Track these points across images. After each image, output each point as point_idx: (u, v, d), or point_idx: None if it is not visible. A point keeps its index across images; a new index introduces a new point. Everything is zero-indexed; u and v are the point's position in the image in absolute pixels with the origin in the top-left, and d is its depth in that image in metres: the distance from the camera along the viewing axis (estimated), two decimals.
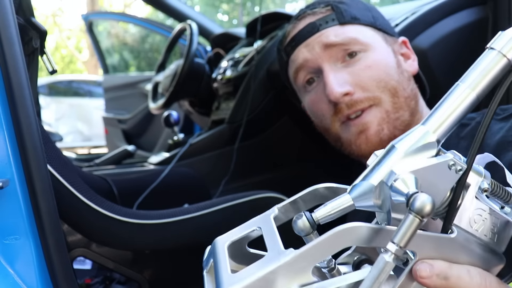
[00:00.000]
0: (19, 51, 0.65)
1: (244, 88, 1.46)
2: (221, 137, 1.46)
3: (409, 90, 0.72)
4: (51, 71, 1.31)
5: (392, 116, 0.70)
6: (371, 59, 0.70)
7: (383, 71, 0.70)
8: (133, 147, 1.79)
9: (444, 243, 0.31)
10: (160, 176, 1.25)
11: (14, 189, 0.64)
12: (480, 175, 0.32)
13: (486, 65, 0.29)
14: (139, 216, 0.88)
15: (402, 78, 0.72)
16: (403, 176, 0.28)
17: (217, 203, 0.94)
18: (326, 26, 0.72)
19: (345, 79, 0.70)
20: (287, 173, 1.51)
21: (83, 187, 0.85)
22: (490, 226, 0.33)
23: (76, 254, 1.05)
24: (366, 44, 0.71)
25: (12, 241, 0.65)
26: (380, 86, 0.69)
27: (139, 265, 1.12)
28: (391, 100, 0.70)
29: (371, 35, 0.73)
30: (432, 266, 0.31)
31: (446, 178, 0.30)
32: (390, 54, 0.73)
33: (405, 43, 0.78)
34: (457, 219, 0.31)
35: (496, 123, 0.62)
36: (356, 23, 0.72)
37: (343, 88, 0.69)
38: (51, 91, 7.53)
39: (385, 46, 0.73)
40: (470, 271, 0.32)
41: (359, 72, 0.70)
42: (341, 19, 0.72)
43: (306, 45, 0.74)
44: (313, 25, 0.73)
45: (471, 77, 0.29)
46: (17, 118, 0.64)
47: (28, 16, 1.26)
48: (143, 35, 4.68)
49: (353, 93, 0.69)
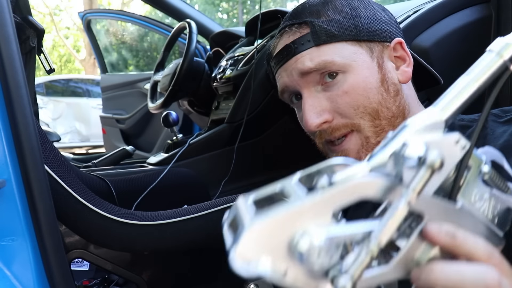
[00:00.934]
0: (16, 50, 0.64)
1: (244, 88, 1.45)
2: (221, 137, 1.46)
3: (394, 108, 0.69)
4: (49, 70, 1.31)
5: (372, 141, 0.68)
6: (348, 84, 0.67)
7: (362, 95, 0.67)
8: (131, 148, 1.78)
9: (450, 211, 0.34)
10: (159, 177, 1.24)
11: (11, 190, 0.64)
12: (481, 160, 0.36)
13: (486, 63, 0.34)
14: (138, 217, 0.87)
15: (386, 96, 0.68)
16: (416, 144, 0.32)
17: (217, 204, 0.94)
18: (302, 49, 0.69)
19: (323, 106, 0.68)
20: (287, 173, 1.49)
21: (81, 188, 0.84)
22: (491, 208, 0.36)
23: (74, 255, 1.05)
24: (344, 65, 0.67)
25: (9, 243, 0.65)
26: (359, 112, 0.67)
27: (137, 267, 1.11)
28: (372, 124, 0.68)
29: (351, 52, 0.68)
30: (441, 224, 0.33)
31: (452, 153, 0.34)
32: (373, 71, 0.68)
33: (401, 43, 0.72)
34: (461, 195, 0.35)
35: (498, 126, 0.61)
36: (333, 41, 0.68)
37: (320, 118, 0.68)
38: (49, 91, 7.52)
39: (367, 62, 0.68)
40: (475, 236, 0.34)
41: (337, 98, 0.68)
42: (316, 41, 0.68)
43: (285, 70, 0.72)
44: (289, 47, 0.70)
45: (473, 72, 0.34)
46: (14, 117, 0.64)
47: (25, 14, 1.25)
48: (141, 34, 4.67)
49: (331, 120, 0.68)
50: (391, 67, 0.71)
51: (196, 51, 2.26)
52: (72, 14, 14.97)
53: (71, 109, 7.40)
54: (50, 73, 1.30)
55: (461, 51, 1.03)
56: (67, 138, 7.09)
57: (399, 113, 0.69)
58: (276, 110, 1.47)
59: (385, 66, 0.70)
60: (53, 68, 1.30)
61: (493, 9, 1.04)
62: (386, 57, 0.71)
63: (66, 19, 16.37)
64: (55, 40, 15.99)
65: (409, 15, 1.06)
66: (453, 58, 1.03)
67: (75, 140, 7.25)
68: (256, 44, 1.54)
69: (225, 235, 0.33)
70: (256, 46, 1.52)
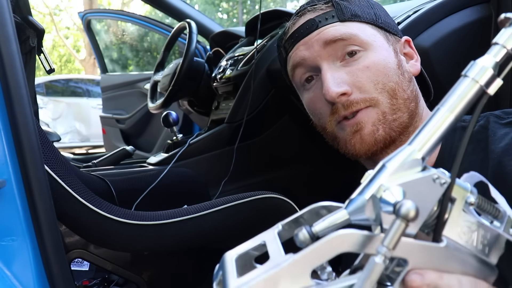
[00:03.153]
0: (16, 50, 0.64)
1: (244, 88, 1.45)
2: (221, 137, 1.46)
3: (409, 91, 0.70)
4: (49, 70, 1.31)
5: (389, 118, 0.68)
6: (370, 59, 0.69)
7: (382, 72, 0.69)
8: (131, 148, 1.78)
9: (434, 252, 0.33)
10: (159, 177, 1.24)
11: (11, 190, 0.64)
12: (466, 190, 0.35)
13: (462, 91, 0.33)
14: (138, 217, 0.87)
15: (402, 79, 0.70)
16: (392, 189, 0.32)
17: (217, 204, 0.94)
18: (326, 23, 0.71)
19: (343, 79, 0.69)
20: (287, 173, 1.50)
21: (81, 188, 0.84)
22: (480, 238, 0.35)
23: (74, 255, 1.04)
24: (366, 42, 0.70)
25: (9, 242, 0.64)
26: (378, 88, 0.68)
27: (137, 267, 1.11)
28: (389, 102, 0.68)
29: (372, 33, 0.71)
30: (422, 276, 0.32)
31: (432, 191, 0.33)
32: (391, 54, 0.71)
33: (409, 42, 0.76)
34: (446, 231, 0.34)
35: (500, 128, 0.61)
36: (356, 20, 0.71)
37: (340, 88, 0.68)
38: (49, 91, 7.52)
39: (386, 46, 0.71)
40: (461, 280, 0.33)
41: (357, 72, 0.69)
42: (341, 16, 0.71)
43: (305, 43, 0.72)
44: (312, 21, 0.72)
45: (449, 101, 0.33)
46: (14, 117, 0.64)
47: (25, 14, 1.25)
48: (141, 34, 4.67)
49: (350, 94, 0.68)
50: (403, 58, 0.74)
51: (196, 51, 2.26)
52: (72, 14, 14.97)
53: (71, 109, 7.40)
54: (50, 73, 1.30)
55: (461, 51, 1.03)
56: (67, 138, 7.09)
57: (413, 98, 0.71)
58: (276, 110, 1.47)
59: (399, 55, 0.73)
60: (53, 68, 1.30)
61: (493, 9, 1.04)
62: (398, 49, 0.74)
63: (66, 19, 16.37)
64: (55, 40, 15.98)
65: (409, 15, 1.06)
66: (453, 58, 1.02)
67: (75, 140, 7.25)
68: (256, 44, 1.53)
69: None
70: (256, 46, 1.52)
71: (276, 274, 0.30)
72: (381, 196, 0.32)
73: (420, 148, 0.34)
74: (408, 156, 0.33)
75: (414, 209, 0.29)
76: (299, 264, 0.30)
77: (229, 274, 0.33)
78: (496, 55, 0.33)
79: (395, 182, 0.32)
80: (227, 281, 0.32)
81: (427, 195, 0.33)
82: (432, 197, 0.33)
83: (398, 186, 0.32)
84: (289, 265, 0.30)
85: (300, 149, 1.53)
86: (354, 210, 0.33)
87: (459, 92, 0.33)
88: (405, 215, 0.29)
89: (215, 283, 0.35)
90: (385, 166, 0.33)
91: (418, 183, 0.32)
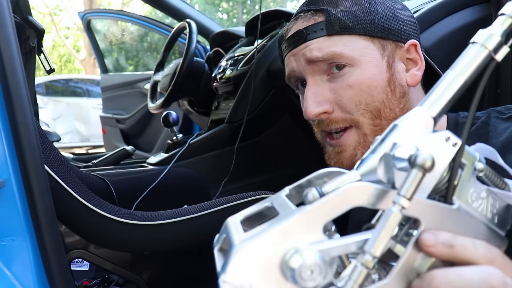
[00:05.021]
0: (16, 50, 0.64)
1: (244, 87, 1.45)
2: (221, 137, 1.46)
3: (397, 110, 0.68)
4: (49, 70, 1.31)
5: (369, 140, 0.67)
6: (354, 78, 0.66)
7: (365, 92, 0.66)
8: (131, 148, 1.78)
9: (447, 214, 0.32)
10: (159, 177, 1.24)
11: (11, 190, 0.64)
12: (474, 157, 0.34)
13: (471, 56, 0.34)
14: (138, 217, 0.87)
15: (391, 97, 0.67)
16: (404, 145, 0.31)
17: (217, 204, 0.94)
18: (313, 37, 0.68)
19: (325, 97, 0.68)
20: (287, 173, 1.50)
21: (81, 188, 0.84)
22: (489, 206, 0.34)
23: (74, 255, 1.04)
24: (352, 58, 0.67)
25: (9, 242, 0.64)
26: (360, 109, 0.67)
27: (137, 267, 1.11)
28: (371, 123, 0.67)
29: (362, 46, 0.67)
30: (436, 235, 0.32)
31: (444, 151, 0.32)
32: (381, 69, 0.67)
33: (415, 46, 0.70)
34: (457, 196, 0.33)
35: (501, 122, 0.62)
36: (346, 33, 0.67)
37: (319, 107, 0.67)
38: (49, 91, 7.51)
39: (377, 60, 0.67)
40: (474, 242, 0.32)
41: (340, 90, 0.67)
42: (329, 30, 0.67)
43: (294, 54, 0.72)
44: (301, 33, 0.70)
45: (458, 65, 0.34)
46: (14, 117, 0.64)
47: (25, 14, 1.25)
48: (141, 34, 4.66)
49: (331, 112, 0.68)
50: (401, 68, 0.69)
51: (196, 51, 2.26)
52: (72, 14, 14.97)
53: (71, 109, 7.40)
54: (50, 73, 1.30)
55: (461, 51, 1.03)
56: (67, 138, 7.08)
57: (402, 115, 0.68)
58: (276, 110, 1.47)
59: (395, 66, 0.69)
60: (53, 68, 1.30)
61: (493, 9, 1.04)
62: (397, 57, 0.69)
63: (66, 19, 16.36)
64: (55, 40, 15.98)
65: None
66: (453, 58, 1.02)
67: (75, 140, 7.25)
68: (256, 44, 1.53)
69: (216, 258, 0.32)
70: (256, 46, 1.52)
71: (288, 224, 0.28)
72: (394, 153, 0.31)
73: (431, 108, 0.33)
74: (420, 116, 0.33)
75: (430, 158, 0.29)
76: (312, 216, 0.29)
77: (234, 233, 0.30)
78: (503, 24, 0.33)
79: (408, 140, 0.32)
80: (232, 238, 0.29)
81: (439, 155, 0.32)
82: (444, 159, 0.32)
83: (411, 143, 0.31)
84: (302, 215, 0.28)
85: (300, 149, 1.53)
86: (366, 170, 0.32)
87: (468, 57, 0.34)
88: (422, 164, 0.29)
89: (216, 249, 0.33)
90: (397, 125, 0.33)
91: (430, 142, 0.32)
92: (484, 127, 0.63)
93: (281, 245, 0.28)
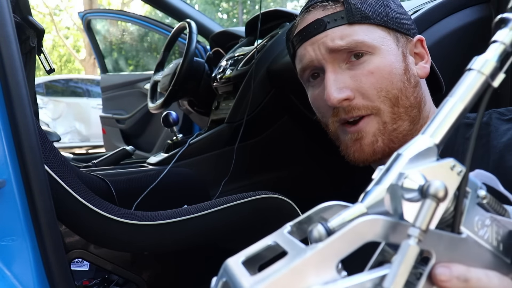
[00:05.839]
0: (16, 50, 0.64)
1: (244, 88, 1.45)
2: (221, 137, 1.46)
3: (412, 98, 0.69)
4: (49, 70, 1.31)
5: (389, 128, 0.68)
6: (375, 64, 0.68)
7: (386, 79, 0.67)
8: (131, 148, 1.78)
9: (457, 244, 0.32)
10: (159, 177, 1.24)
11: (11, 190, 0.64)
12: (476, 184, 0.34)
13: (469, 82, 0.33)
14: (138, 217, 0.87)
15: (407, 85, 0.69)
16: (411, 175, 0.30)
17: (217, 204, 0.94)
18: (334, 25, 0.69)
19: (346, 83, 0.68)
20: (287, 173, 1.50)
21: (81, 188, 0.84)
22: (494, 234, 0.34)
23: (74, 255, 1.04)
24: (373, 47, 0.68)
25: (9, 242, 0.64)
26: (381, 95, 0.67)
27: (137, 267, 1.11)
28: (390, 110, 0.68)
29: (380, 36, 0.69)
30: (450, 269, 0.31)
31: (449, 179, 0.32)
32: (398, 59, 0.69)
33: (421, 41, 0.74)
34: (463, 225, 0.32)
35: (502, 124, 0.62)
36: (366, 22, 0.69)
37: (341, 94, 0.67)
38: (49, 91, 7.51)
39: (394, 49, 0.70)
40: (488, 274, 0.32)
41: (361, 77, 0.68)
42: (350, 19, 0.69)
43: (312, 44, 0.71)
44: (321, 22, 0.70)
45: (458, 92, 0.33)
46: (14, 117, 0.64)
47: (25, 14, 1.25)
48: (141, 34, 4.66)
49: (352, 98, 0.68)
50: (412, 60, 0.72)
51: (196, 51, 2.26)
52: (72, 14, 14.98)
53: (71, 109, 7.40)
54: (50, 73, 1.30)
55: (461, 51, 1.03)
56: (67, 138, 7.08)
57: (416, 104, 0.70)
58: (276, 110, 1.47)
59: (408, 58, 0.71)
60: (53, 68, 1.30)
61: (493, 9, 1.04)
62: (408, 50, 0.72)
63: (66, 19, 16.37)
64: (55, 40, 15.99)
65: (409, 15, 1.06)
66: (453, 58, 1.02)
67: (75, 140, 7.25)
68: (256, 44, 1.53)
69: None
70: (256, 46, 1.52)
71: (301, 264, 0.27)
72: (402, 184, 0.30)
73: (434, 135, 0.33)
74: (422, 144, 0.33)
75: (443, 188, 0.28)
76: (325, 254, 0.27)
77: (239, 276, 0.28)
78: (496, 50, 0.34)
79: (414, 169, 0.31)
80: (239, 282, 0.28)
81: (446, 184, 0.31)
82: (450, 187, 0.31)
83: (418, 172, 0.30)
84: (315, 254, 0.27)
85: (300, 149, 1.53)
86: (372, 203, 0.31)
87: (466, 84, 0.34)
88: (435, 194, 0.28)
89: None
90: (401, 155, 0.32)
91: (436, 171, 0.31)
92: (485, 127, 0.63)
93: (295, 286, 0.27)
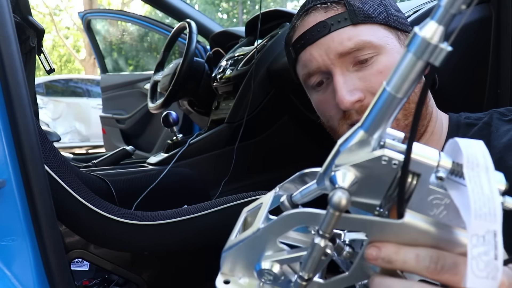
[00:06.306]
0: (16, 50, 0.64)
1: (244, 88, 1.45)
2: (221, 137, 1.46)
3: (417, 91, 0.69)
4: (49, 70, 1.31)
5: (401, 124, 0.67)
6: (383, 64, 0.67)
7: None
8: (131, 148, 1.78)
9: (394, 228, 0.33)
10: (159, 177, 1.24)
11: (11, 190, 0.64)
12: (431, 165, 0.33)
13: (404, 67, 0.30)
14: (138, 217, 0.87)
15: None
16: (342, 170, 0.33)
17: (217, 204, 0.94)
18: (338, 27, 0.68)
19: (356, 85, 0.68)
20: (287, 173, 1.49)
21: (81, 188, 0.84)
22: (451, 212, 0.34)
23: (74, 255, 1.04)
24: (379, 46, 0.68)
25: (9, 243, 0.64)
26: None
27: (137, 267, 1.11)
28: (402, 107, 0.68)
29: (384, 35, 0.69)
30: (379, 249, 0.33)
31: (385, 170, 0.33)
32: None
33: None
34: (415, 205, 0.33)
35: (503, 124, 0.62)
36: (369, 22, 0.68)
37: (353, 96, 0.67)
38: (49, 91, 7.51)
39: (397, 47, 0.69)
40: (419, 254, 0.32)
41: (370, 77, 0.68)
42: (354, 19, 0.68)
43: (317, 48, 0.70)
44: (324, 24, 0.69)
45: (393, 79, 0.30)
46: (14, 117, 0.64)
47: (25, 14, 1.25)
48: (141, 34, 4.66)
49: (363, 99, 0.67)
50: None
51: (196, 51, 2.26)
52: (72, 14, 14.98)
53: (71, 109, 7.40)
54: (50, 73, 1.30)
55: (461, 51, 1.03)
56: (67, 138, 7.09)
57: None
58: (276, 110, 1.47)
59: None
60: (53, 68, 1.30)
61: (493, 9, 1.04)
62: None
63: (66, 19, 16.37)
64: (55, 40, 15.99)
65: (409, 15, 1.06)
66: (453, 57, 1.02)
67: (75, 140, 7.25)
68: (256, 44, 1.53)
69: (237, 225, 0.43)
70: (256, 46, 1.52)
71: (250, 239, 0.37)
72: (330, 176, 0.33)
73: (367, 127, 0.33)
74: (356, 136, 0.33)
75: (346, 198, 0.31)
76: (266, 233, 0.36)
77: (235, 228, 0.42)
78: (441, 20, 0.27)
79: (346, 162, 0.33)
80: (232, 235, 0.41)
81: (380, 174, 0.33)
82: (387, 176, 0.33)
83: (349, 167, 0.33)
84: (259, 232, 0.36)
85: (300, 149, 1.53)
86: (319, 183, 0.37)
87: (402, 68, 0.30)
88: (336, 205, 0.31)
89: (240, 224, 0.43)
90: (336, 148, 0.34)
91: (368, 163, 0.33)
92: (486, 128, 0.63)
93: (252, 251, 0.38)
